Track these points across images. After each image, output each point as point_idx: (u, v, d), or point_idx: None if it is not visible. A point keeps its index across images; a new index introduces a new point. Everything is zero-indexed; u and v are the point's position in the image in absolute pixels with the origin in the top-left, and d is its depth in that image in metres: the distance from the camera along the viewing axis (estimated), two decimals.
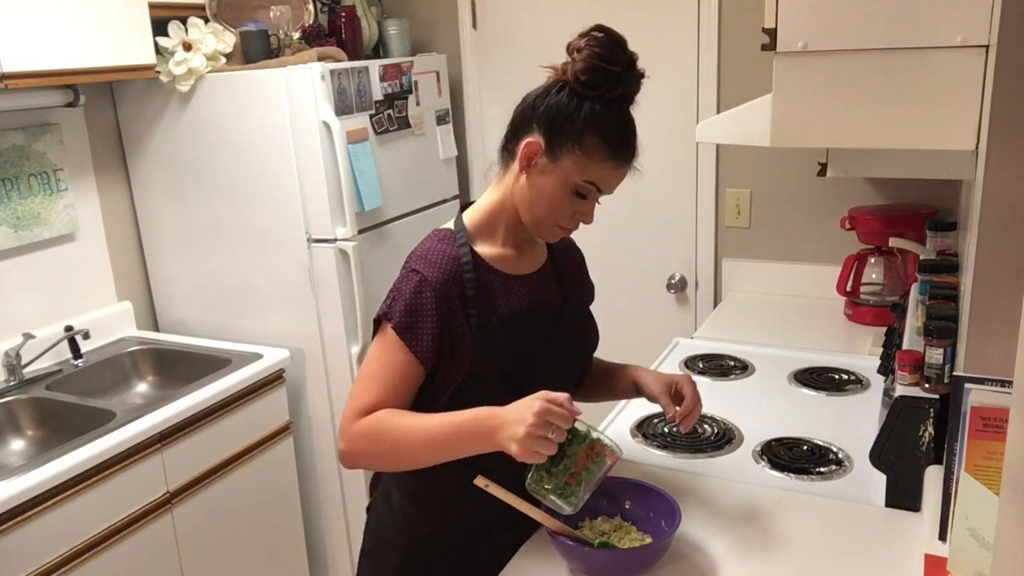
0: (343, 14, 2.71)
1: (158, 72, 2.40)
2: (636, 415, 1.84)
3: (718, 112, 2.55)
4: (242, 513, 2.32)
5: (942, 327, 1.37)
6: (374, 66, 2.54)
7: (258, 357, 2.37)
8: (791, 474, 1.58)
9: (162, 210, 2.64)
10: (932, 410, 1.39)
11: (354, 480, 2.61)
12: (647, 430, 1.78)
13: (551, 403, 1.16)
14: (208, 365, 2.36)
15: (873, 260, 2.47)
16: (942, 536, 1.23)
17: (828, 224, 2.62)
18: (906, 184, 2.52)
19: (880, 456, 1.44)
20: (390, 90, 2.61)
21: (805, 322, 2.50)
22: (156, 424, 2.01)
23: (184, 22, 2.44)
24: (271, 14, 2.63)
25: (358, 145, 2.46)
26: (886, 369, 1.73)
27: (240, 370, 2.29)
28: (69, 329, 2.36)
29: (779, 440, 1.71)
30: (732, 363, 2.16)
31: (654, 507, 1.35)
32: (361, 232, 2.50)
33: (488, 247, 1.38)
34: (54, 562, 1.81)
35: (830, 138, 1.48)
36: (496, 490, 1.24)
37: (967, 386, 1.12)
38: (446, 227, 1.39)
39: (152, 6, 2.31)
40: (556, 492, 1.22)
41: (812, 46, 1.35)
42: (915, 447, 1.41)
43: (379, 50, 2.95)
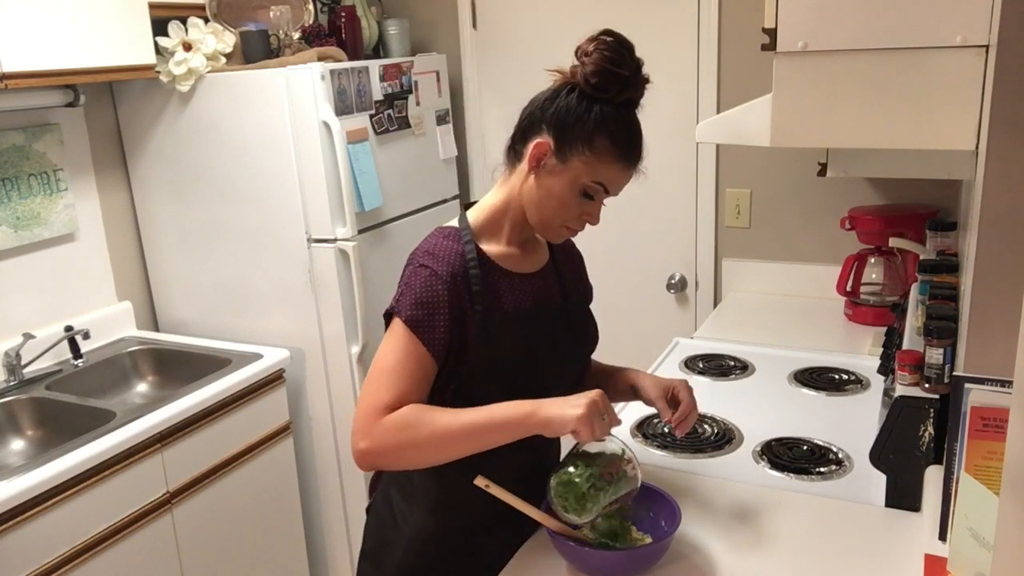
0: (343, 14, 2.71)
1: (158, 72, 2.40)
2: (636, 415, 1.84)
3: (718, 112, 2.55)
4: (242, 513, 2.32)
5: (942, 327, 1.37)
6: (374, 66, 2.54)
7: (258, 357, 2.37)
8: (791, 474, 1.59)
9: (162, 210, 2.65)
10: (932, 410, 1.40)
11: (354, 480, 2.61)
12: (647, 430, 1.78)
13: (599, 400, 1.22)
14: (208, 365, 2.36)
15: (873, 260, 2.47)
16: (942, 536, 1.23)
17: (828, 224, 2.62)
18: (906, 184, 2.52)
19: (880, 456, 1.44)
20: (390, 90, 2.61)
21: (805, 322, 2.50)
22: (156, 424, 2.01)
23: (184, 22, 2.44)
24: (271, 14, 2.63)
25: (358, 145, 2.46)
26: (886, 369, 1.73)
27: (240, 370, 2.29)
28: (69, 329, 2.36)
29: (779, 440, 1.71)
30: (732, 363, 2.16)
31: (654, 507, 1.36)
32: (361, 232, 2.50)
33: (492, 245, 1.38)
34: (54, 562, 1.81)
35: (830, 138, 1.48)
36: (496, 490, 1.25)
37: (967, 386, 1.12)
38: (450, 225, 1.39)
39: (152, 6, 2.31)
40: (575, 496, 1.24)
41: (812, 46, 1.36)
42: (915, 447, 1.41)
43: (379, 50, 2.95)
